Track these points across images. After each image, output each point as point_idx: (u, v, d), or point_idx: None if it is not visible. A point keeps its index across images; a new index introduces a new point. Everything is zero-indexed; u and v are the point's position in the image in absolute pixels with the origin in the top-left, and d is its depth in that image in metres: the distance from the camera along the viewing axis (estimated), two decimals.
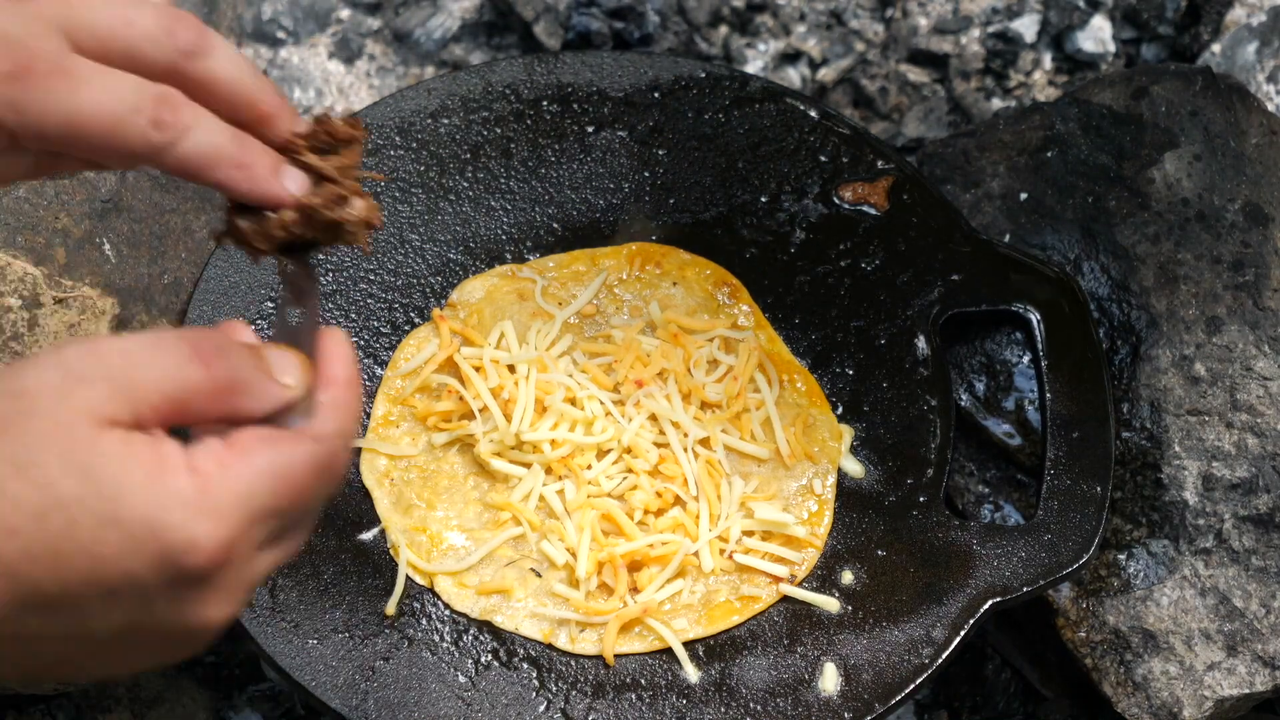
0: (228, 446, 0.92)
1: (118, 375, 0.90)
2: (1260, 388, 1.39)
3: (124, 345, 0.92)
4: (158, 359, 0.91)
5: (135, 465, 0.89)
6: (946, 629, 1.28)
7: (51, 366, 0.90)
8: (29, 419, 0.89)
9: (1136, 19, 1.72)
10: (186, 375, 0.92)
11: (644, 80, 1.47)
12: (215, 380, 0.92)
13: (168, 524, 0.88)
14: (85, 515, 0.87)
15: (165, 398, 0.91)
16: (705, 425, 1.36)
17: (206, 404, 0.93)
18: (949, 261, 1.41)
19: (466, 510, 1.34)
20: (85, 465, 0.88)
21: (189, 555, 0.88)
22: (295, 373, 0.97)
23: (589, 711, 1.27)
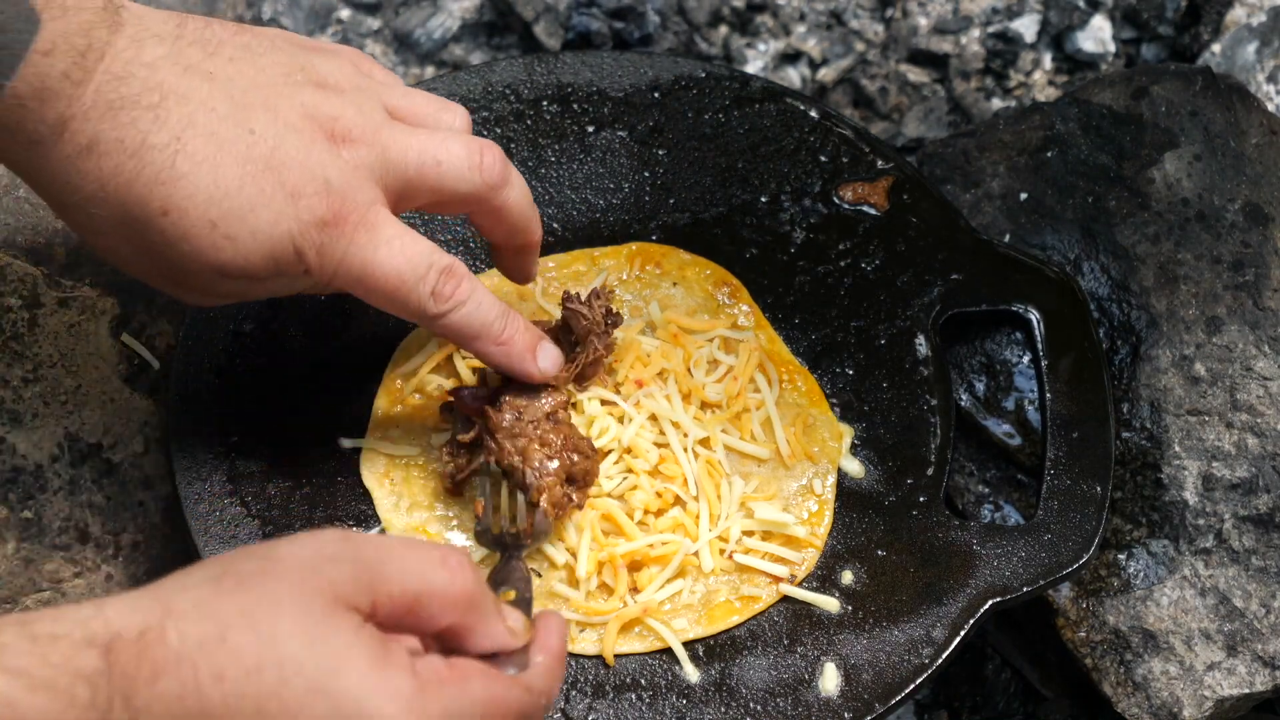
0: (450, 666, 0.95)
1: (368, 561, 0.93)
2: (1260, 388, 1.39)
3: (380, 539, 0.96)
4: (410, 555, 0.95)
5: (362, 648, 0.91)
6: (946, 629, 1.28)
7: (307, 542, 0.94)
8: (273, 580, 0.91)
9: (1136, 19, 1.72)
10: (433, 578, 0.95)
11: (644, 80, 1.47)
12: (457, 591, 0.96)
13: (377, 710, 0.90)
14: (299, 679, 0.89)
15: (405, 594, 0.94)
16: (705, 425, 1.36)
17: (440, 612, 0.96)
18: (949, 261, 1.41)
19: (467, 510, 1.34)
20: (314, 634, 0.90)
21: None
22: (520, 625, 1.02)
23: (589, 711, 1.27)
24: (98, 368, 1.37)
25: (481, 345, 1.21)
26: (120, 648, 0.88)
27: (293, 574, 0.92)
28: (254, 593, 0.90)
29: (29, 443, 1.34)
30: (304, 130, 1.11)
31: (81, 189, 1.09)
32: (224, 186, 1.09)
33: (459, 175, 1.17)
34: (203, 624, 0.89)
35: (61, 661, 0.87)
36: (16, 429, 1.34)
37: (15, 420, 1.34)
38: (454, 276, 1.17)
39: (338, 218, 1.12)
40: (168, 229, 1.09)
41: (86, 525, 1.33)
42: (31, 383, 1.35)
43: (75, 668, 0.87)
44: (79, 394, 1.36)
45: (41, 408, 1.35)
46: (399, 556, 0.95)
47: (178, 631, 0.88)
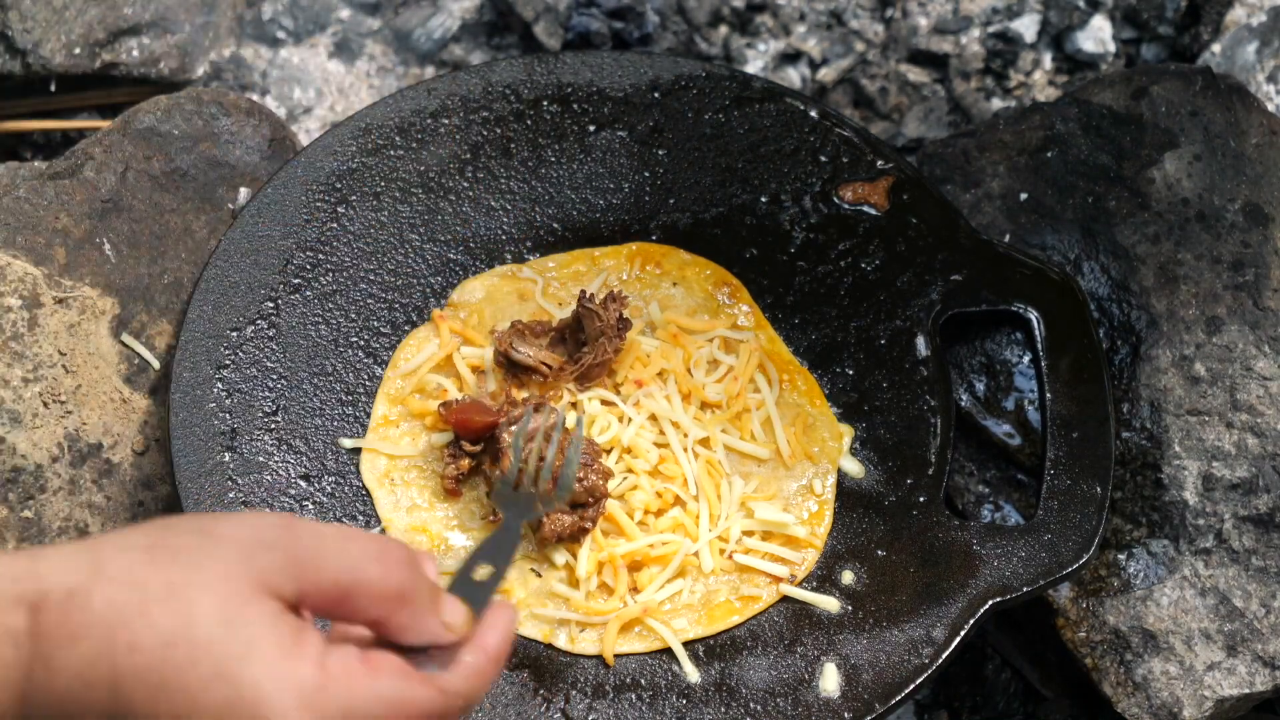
0: (363, 660, 0.95)
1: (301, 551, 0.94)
2: (1260, 388, 1.39)
3: (319, 529, 0.96)
4: (346, 547, 0.95)
5: (274, 637, 0.91)
6: (946, 629, 1.28)
7: (246, 524, 0.94)
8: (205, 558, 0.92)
9: (1136, 19, 1.72)
10: (366, 572, 0.95)
11: (644, 80, 1.47)
12: (389, 586, 0.95)
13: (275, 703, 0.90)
14: (207, 661, 0.90)
15: (336, 584, 0.94)
16: (705, 425, 1.36)
17: (369, 605, 0.95)
18: (949, 261, 1.41)
19: (466, 510, 1.34)
20: (230, 618, 0.91)
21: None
22: (459, 621, 1.00)
23: (589, 711, 1.27)
24: (98, 368, 1.37)
25: None
26: (47, 607, 0.90)
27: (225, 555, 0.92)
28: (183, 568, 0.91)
29: (29, 443, 1.34)
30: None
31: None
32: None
33: None
34: (128, 593, 0.90)
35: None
36: (16, 429, 1.34)
37: (15, 420, 1.34)
38: None
39: None
40: None
41: (86, 525, 1.33)
42: (31, 383, 1.35)
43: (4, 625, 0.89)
44: (79, 394, 1.36)
45: (41, 408, 1.35)
46: (334, 548, 0.95)
47: (104, 597, 0.90)
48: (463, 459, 1.33)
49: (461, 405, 1.33)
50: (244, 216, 1.40)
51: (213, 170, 1.46)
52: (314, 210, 1.41)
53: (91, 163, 1.44)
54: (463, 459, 1.33)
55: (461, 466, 1.33)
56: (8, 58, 1.56)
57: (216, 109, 1.48)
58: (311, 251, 1.40)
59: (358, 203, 1.42)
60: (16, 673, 0.90)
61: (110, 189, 1.43)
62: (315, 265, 1.40)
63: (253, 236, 1.39)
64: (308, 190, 1.42)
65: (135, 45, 1.59)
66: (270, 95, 1.66)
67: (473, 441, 1.32)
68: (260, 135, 1.49)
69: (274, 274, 1.39)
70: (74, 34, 1.56)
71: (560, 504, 1.27)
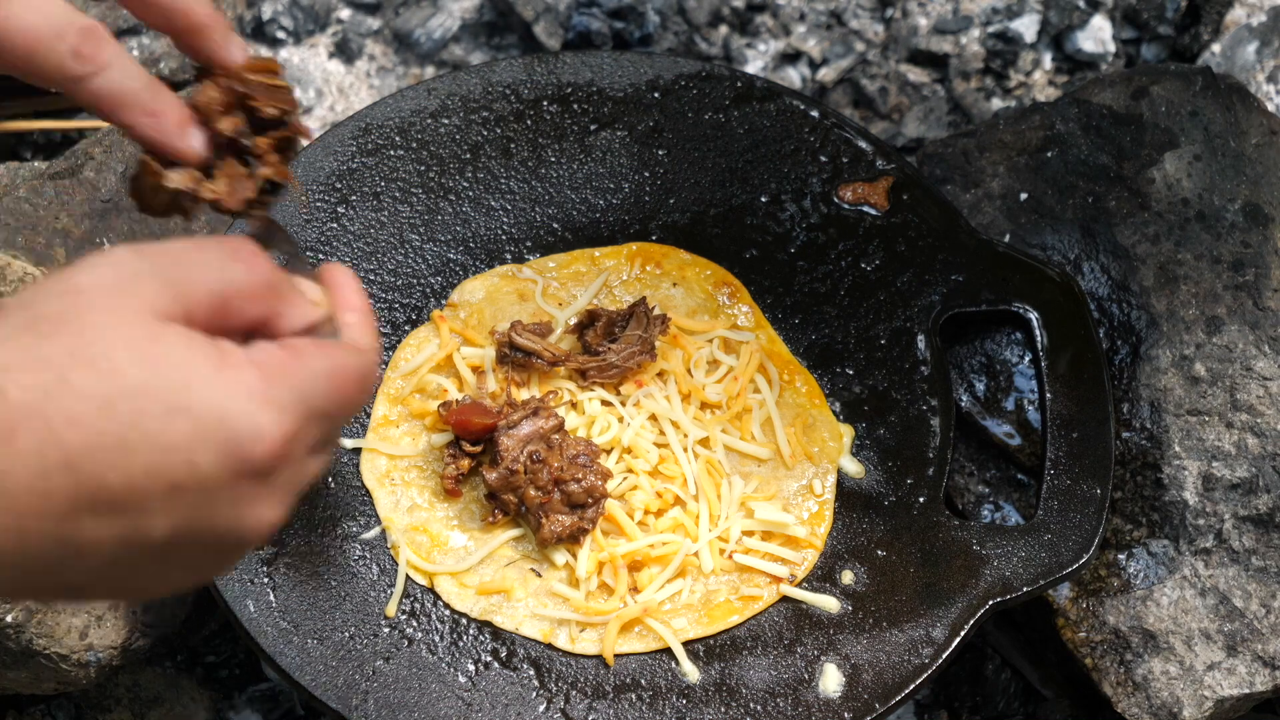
0: (282, 348, 0.93)
1: (169, 272, 0.91)
2: (1260, 388, 1.39)
3: (169, 246, 0.92)
4: (203, 258, 0.92)
5: (201, 357, 0.89)
6: (946, 629, 1.28)
7: (104, 265, 0.90)
8: (87, 313, 0.88)
9: (1136, 19, 1.72)
10: (232, 274, 0.93)
11: (644, 80, 1.47)
12: (257, 280, 0.94)
13: (236, 412, 0.88)
14: (153, 404, 0.87)
15: (211, 294, 0.92)
16: (705, 425, 1.36)
17: (247, 305, 0.93)
18: (949, 262, 1.41)
19: (466, 510, 1.34)
20: (152, 355, 0.88)
21: (255, 444, 0.88)
22: (318, 293, 1.00)
23: (589, 711, 1.27)
24: None
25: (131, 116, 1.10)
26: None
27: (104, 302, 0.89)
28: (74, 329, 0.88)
29: None
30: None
31: None
32: None
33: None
34: (37, 373, 0.86)
35: None
36: None
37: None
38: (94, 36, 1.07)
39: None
40: None
41: None
42: None
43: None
44: None
45: None
46: (195, 260, 0.92)
47: (16, 385, 0.86)
48: (462, 459, 1.33)
49: (461, 406, 1.33)
50: None
51: None
52: (314, 210, 1.41)
53: (91, 163, 1.44)
54: (462, 459, 1.33)
55: (461, 467, 1.33)
56: None
57: None
58: (311, 251, 1.40)
59: (358, 203, 1.43)
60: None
61: (110, 189, 1.43)
62: (315, 265, 1.40)
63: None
64: (308, 190, 1.42)
65: (135, 45, 1.59)
66: None
67: (472, 442, 1.33)
68: None
69: None
70: None
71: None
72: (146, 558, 0.90)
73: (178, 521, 0.89)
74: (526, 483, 1.30)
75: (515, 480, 1.30)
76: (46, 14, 1.06)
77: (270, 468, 0.90)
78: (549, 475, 1.29)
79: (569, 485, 1.30)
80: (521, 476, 1.30)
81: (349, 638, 1.28)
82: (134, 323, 0.89)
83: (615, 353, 1.35)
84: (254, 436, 0.89)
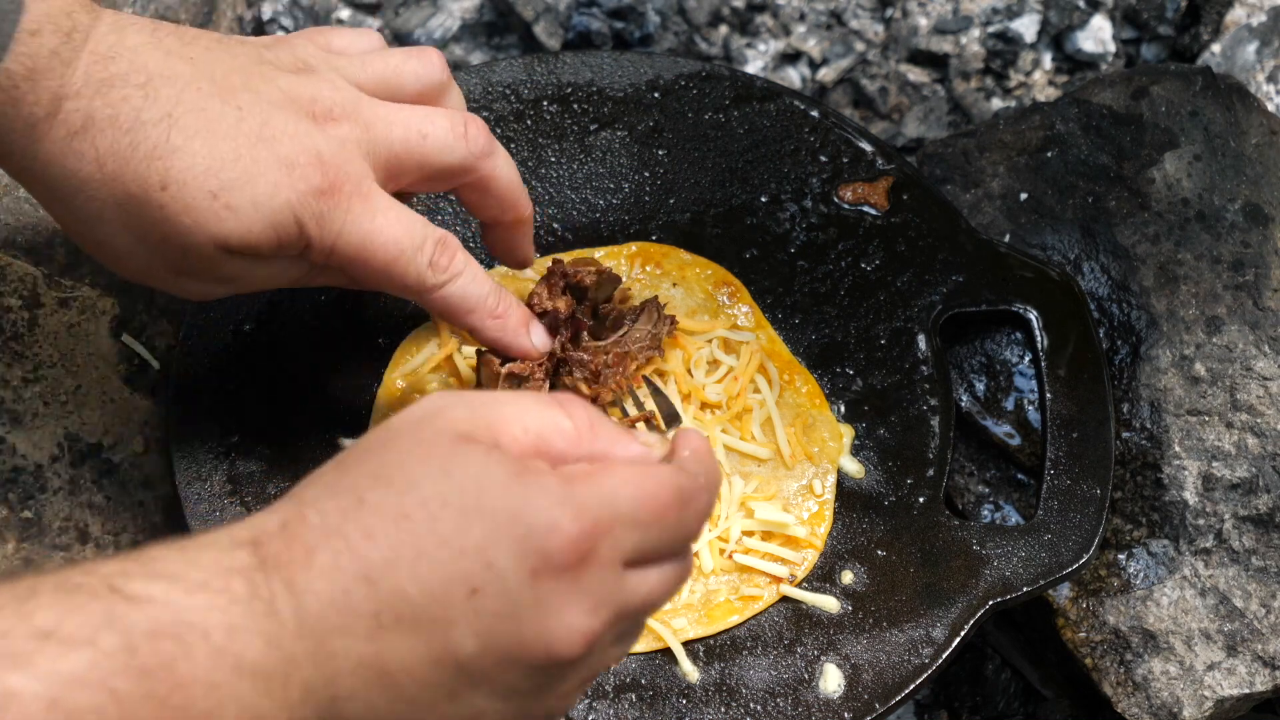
0: (592, 462, 0.92)
1: (483, 405, 0.92)
2: (1260, 388, 1.39)
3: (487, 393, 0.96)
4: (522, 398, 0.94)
5: (498, 466, 0.89)
6: (946, 629, 1.28)
7: (415, 406, 0.93)
8: (393, 440, 0.90)
9: (1136, 19, 1.72)
10: (549, 414, 0.93)
11: (644, 80, 1.47)
12: (578, 424, 0.94)
13: (532, 509, 0.87)
14: (449, 511, 0.87)
15: (528, 430, 0.92)
16: (705, 425, 1.36)
17: (567, 445, 0.93)
18: (949, 262, 1.41)
19: None
20: (449, 467, 0.88)
21: (551, 537, 0.87)
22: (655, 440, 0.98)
23: (589, 711, 1.27)
24: (98, 368, 1.37)
25: (477, 319, 1.20)
26: (266, 541, 0.87)
27: (410, 429, 0.91)
28: (378, 457, 0.89)
29: (29, 443, 1.34)
30: (288, 109, 1.12)
31: (78, 172, 1.09)
32: (220, 158, 1.09)
33: (444, 146, 1.17)
34: (338, 498, 0.88)
35: (212, 564, 0.85)
36: (16, 429, 1.34)
37: (15, 420, 1.34)
38: (449, 248, 1.17)
39: (333, 187, 1.11)
40: (168, 204, 1.09)
41: (86, 525, 1.33)
42: (31, 383, 1.35)
43: (227, 567, 0.85)
44: (79, 394, 1.36)
45: (41, 408, 1.35)
46: (512, 400, 0.93)
47: (317, 511, 0.87)
48: None
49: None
50: None
51: None
52: None
53: None
54: None
55: None
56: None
57: None
58: None
59: None
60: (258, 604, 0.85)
61: None
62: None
63: None
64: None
65: None
66: None
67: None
68: None
69: None
70: None
71: None
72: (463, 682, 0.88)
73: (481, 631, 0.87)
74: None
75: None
76: (408, 227, 1.15)
77: (569, 563, 0.88)
78: None
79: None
80: None
81: None
82: (434, 442, 0.90)
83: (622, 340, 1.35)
84: (549, 529, 0.87)
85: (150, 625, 0.82)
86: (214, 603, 0.84)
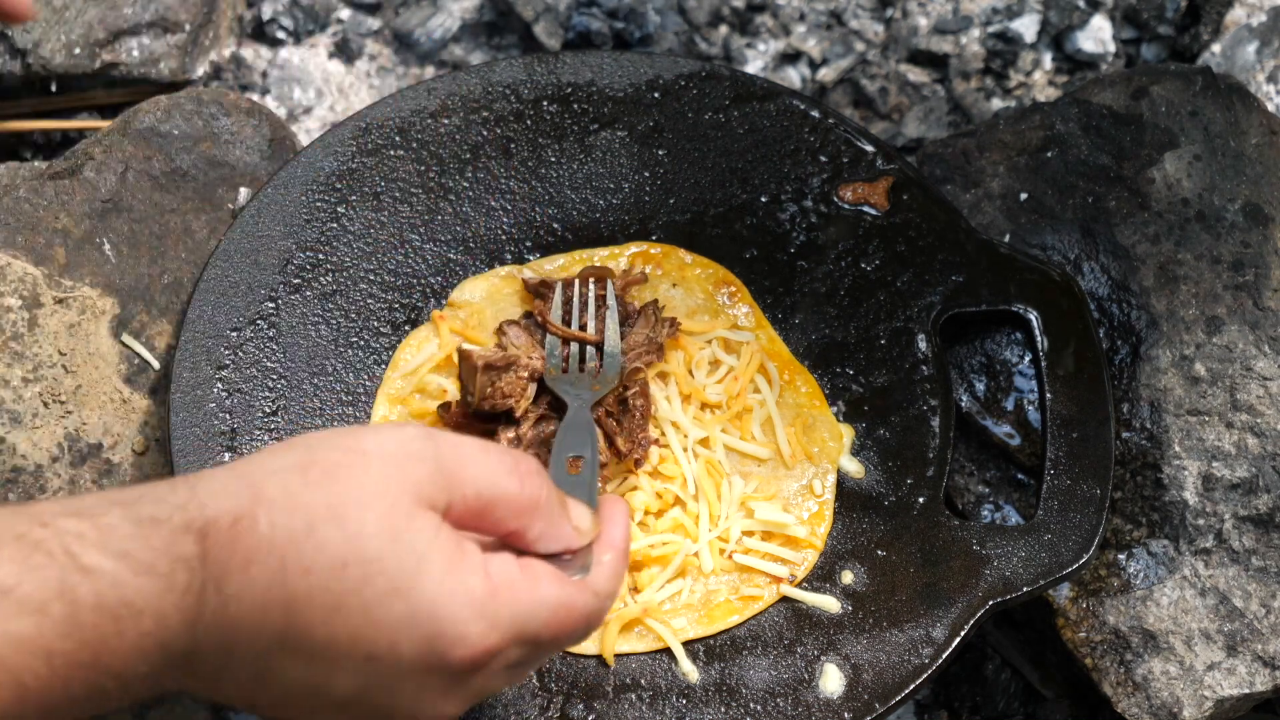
0: (521, 568, 0.97)
1: (448, 462, 0.96)
2: (1260, 388, 1.39)
3: (458, 440, 0.98)
4: (484, 460, 0.98)
5: (440, 550, 0.94)
6: (946, 629, 1.28)
7: (392, 437, 0.96)
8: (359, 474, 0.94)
9: (1136, 19, 1.72)
10: (504, 484, 0.98)
11: (644, 80, 1.47)
12: (525, 498, 0.98)
13: (451, 615, 0.93)
14: (380, 580, 0.92)
15: (479, 497, 0.97)
16: (705, 425, 1.36)
17: (507, 516, 0.98)
18: (949, 262, 1.41)
19: None
20: (397, 534, 0.93)
21: (456, 648, 0.93)
22: (587, 524, 1.04)
23: (589, 711, 1.27)
24: (98, 368, 1.37)
25: None
26: (215, 534, 0.91)
27: (378, 470, 0.94)
28: (341, 486, 0.93)
29: (29, 443, 1.34)
30: None
31: None
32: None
33: None
34: (292, 516, 0.92)
35: (163, 546, 0.90)
36: (16, 429, 1.34)
37: (15, 420, 1.34)
38: None
39: None
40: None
41: None
42: (31, 383, 1.35)
43: (175, 553, 0.91)
44: (79, 394, 1.36)
45: (41, 408, 1.35)
46: (475, 460, 0.97)
47: (268, 520, 0.91)
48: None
49: (458, 416, 1.33)
50: (244, 216, 1.40)
51: (213, 170, 1.46)
52: (314, 210, 1.41)
53: (91, 163, 1.44)
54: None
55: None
56: (8, 58, 1.56)
57: (216, 109, 1.48)
58: (311, 251, 1.40)
59: (358, 203, 1.42)
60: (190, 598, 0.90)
61: (110, 189, 1.43)
62: (315, 265, 1.40)
63: (253, 236, 1.39)
64: (308, 190, 1.42)
65: (135, 45, 1.59)
66: (270, 95, 1.66)
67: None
68: (260, 135, 1.49)
69: (274, 274, 1.39)
70: (74, 34, 1.56)
71: (613, 377, 1.30)
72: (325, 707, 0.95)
73: (362, 688, 0.94)
74: None
75: None
76: None
77: (461, 672, 0.94)
78: None
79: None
80: None
81: None
82: (395, 498, 0.94)
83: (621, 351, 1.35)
84: (459, 642, 0.93)
85: (96, 600, 0.88)
86: (155, 588, 0.90)
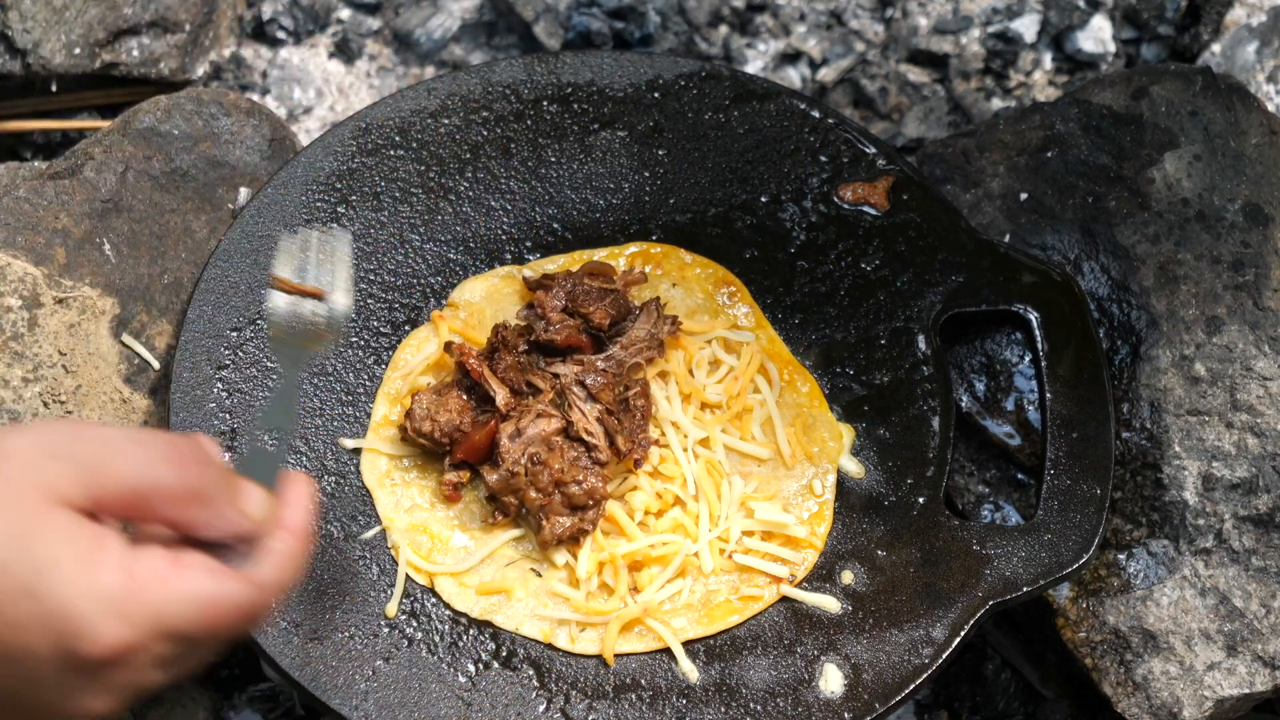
0: (170, 562, 0.95)
1: (89, 460, 0.94)
2: (1260, 388, 1.39)
3: (106, 434, 0.96)
4: (133, 452, 0.95)
5: (72, 548, 0.92)
6: (946, 629, 1.28)
7: (31, 436, 0.94)
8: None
9: (1136, 19, 1.72)
10: (157, 474, 0.95)
11: (644, 80, 1.47)
12: (183, 486, 0.96)
13: (79, 612, 0.92)
14: (9, 580, 0.91)
15: (129, 489, 0.94)
16: (705, 425, 1.36)
17: (166, 507, 0.96)
18: (949, 262, 1.41)
19: (467, 510, 1.34)
20: (25, 535, 0.91)
21: (87, 646, 0.92)
22: (259, 507, 1.01)
23: (589, 711, 1.27)
24: (98, 368, 1.37)
25: None
26: None
27: (11, 472, 0.93)
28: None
29: None
30: None
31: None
32: None
33: None
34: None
35: None
36: None
37: (15, 420, 1.34)
38: None
39: None
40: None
41: None
42: (31, 383, 1.35)
43: None
44: (79, 394, 1.36)
45: (41, 408, 1.35)
46: (123, 452, 0.95)
47: None
48: (463, 469, 1.33)
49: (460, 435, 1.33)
50: (244, 216, 1.40)
51: (213, 170, 1.46)
52: (314, 210, 1.41)
53: (91, 163, 1.44)
54: (463, 469, 1.33)
55: (461, 476, 1.33)
56: (8, 58, 1.56)
57: (216, 109, 1.48)
58: None
59: (358, 203, 1.42)
60: None
61: (110, 189, 1.43)
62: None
63: (253, 236, 1.39)
64: (308, 190, 1.42)
65: (135, 45, 1.59)
66: (270, 95, 1.66)
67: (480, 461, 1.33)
68: (260, 135, 1.49)
69: None
70: (74, 34, 1.56)
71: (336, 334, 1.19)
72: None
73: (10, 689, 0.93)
74: (527, 485, 1.29)
75: (516, 483, 1.30)
76: None
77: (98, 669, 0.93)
78: (549, 477, 1.29)
79: (569, 487, 1.30)
80: (522, 479, 1.30)
81: (349, 638, 1.28)
82: (26, 498, 0.92)
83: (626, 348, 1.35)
84: (89, 639, 0.92)
85: None
86: None
